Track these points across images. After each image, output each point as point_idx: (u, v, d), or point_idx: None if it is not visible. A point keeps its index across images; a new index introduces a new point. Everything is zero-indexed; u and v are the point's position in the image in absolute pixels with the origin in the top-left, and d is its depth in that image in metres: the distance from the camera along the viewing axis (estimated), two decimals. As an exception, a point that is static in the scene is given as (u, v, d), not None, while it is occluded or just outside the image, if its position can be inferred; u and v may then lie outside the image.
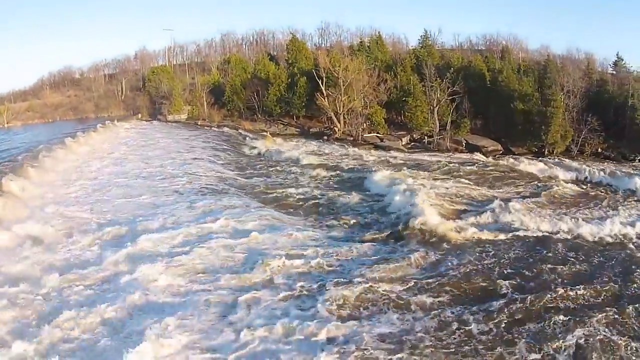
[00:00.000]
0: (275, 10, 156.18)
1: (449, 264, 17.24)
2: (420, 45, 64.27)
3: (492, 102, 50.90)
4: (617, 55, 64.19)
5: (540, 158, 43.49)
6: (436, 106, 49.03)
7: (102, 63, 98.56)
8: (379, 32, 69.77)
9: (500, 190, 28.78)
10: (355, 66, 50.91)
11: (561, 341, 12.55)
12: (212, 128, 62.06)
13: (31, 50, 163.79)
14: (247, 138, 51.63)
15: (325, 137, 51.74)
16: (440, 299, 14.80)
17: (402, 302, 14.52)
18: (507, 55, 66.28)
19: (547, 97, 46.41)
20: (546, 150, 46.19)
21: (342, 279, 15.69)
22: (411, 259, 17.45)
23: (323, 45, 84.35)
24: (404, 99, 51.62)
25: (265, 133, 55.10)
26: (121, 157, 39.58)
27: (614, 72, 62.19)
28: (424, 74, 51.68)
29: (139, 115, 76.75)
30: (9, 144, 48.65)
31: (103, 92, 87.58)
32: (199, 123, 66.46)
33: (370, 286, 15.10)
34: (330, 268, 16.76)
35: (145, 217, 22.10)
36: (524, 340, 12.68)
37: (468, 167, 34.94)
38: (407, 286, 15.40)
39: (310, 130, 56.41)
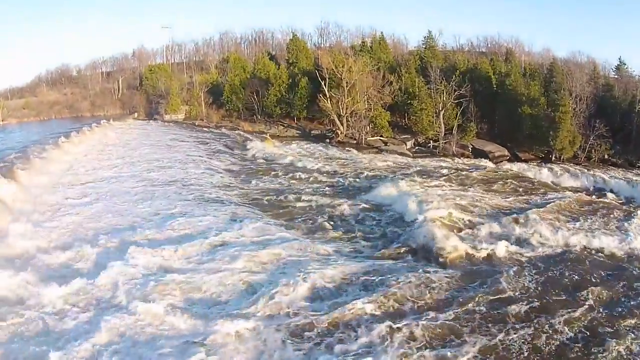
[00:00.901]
0: (274, 9, 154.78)
1: (496, 281, 16.10)
2: (424, 46, 63.17)
3: (499, 106, 49.88)
4: (619, 59, 63.83)
5: (548, 164, 42.48)
6: (442, 110, 47.80)
7: (100, 61, 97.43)
8: (381, 33, 68.70)
9: (516, 200, 27.42)
10: (359, 67, 49.50)
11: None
12: (211, 129, 60.60)
13: (30, 48, 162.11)
14: (248, 140, 49.92)
15: (328, 140, 50.29)
16: (517, 313, 14.18)
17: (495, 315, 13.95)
18: (511, 57, 65.30)
19: (555, 101, 45.34)
20: (553, 156, 45.19)
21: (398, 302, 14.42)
22: (451, 277, 16.27)
23: (322, 45, 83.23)
24: (408, 101, 50.25)
25: (265, 135, 53.55)
26: (119, 160, 38.08)
27: (617, 77, 61.46)
28: (429, 76, 50.53)
29: (136, 115, 75.41)
30: (5, 143, 46.95)
31: (99, 90, 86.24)
32: (196, 123, 65.01)
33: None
34: (381, 292, 15.03)
35: (143, 227, 20.58)
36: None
37: (478, 174, 33.64)
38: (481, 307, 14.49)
39: (312, 132, 55.00)
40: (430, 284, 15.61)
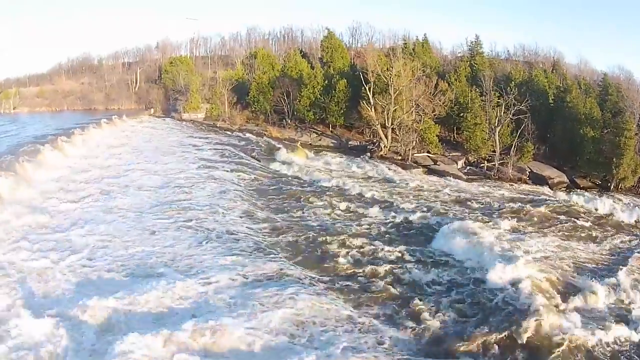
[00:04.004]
0: (302, 6, 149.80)
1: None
2: (469, 52, 58.17)
3: (555, 125, 44.95)
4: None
5: (610, 195, 37.40)
6: (498, 126, 42.75)
7: (123, 51, 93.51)
8: (424, 35, 63.43)
9: (604, 248, 22.92)
10: (408, 72, 44.10)
11: None
12: (235, 132, 55.34)
13: (56, 36, 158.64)
14: (276, 150, 44.86)
15: (369, 154, 44.80)
16: None
17: None
18: (560, 70, 60.44)
19: (620, 124, 40.43)
20: (612, 184, 40.34)
21: None
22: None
23: (354, 46, 78.58)
24: (461, 114, 44.99)
25: (295, 144, 48.16)
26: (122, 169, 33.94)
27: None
28: (481, 87, 45.60)
29: (152, 111, 70.90)
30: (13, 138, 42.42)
31: (116, 82, 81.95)
32: (218, 125, 59.71)
33: None
34: None
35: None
36: None
37: (548, 210, 28.60)
38: None
39: (349, 143, 49.65)
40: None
